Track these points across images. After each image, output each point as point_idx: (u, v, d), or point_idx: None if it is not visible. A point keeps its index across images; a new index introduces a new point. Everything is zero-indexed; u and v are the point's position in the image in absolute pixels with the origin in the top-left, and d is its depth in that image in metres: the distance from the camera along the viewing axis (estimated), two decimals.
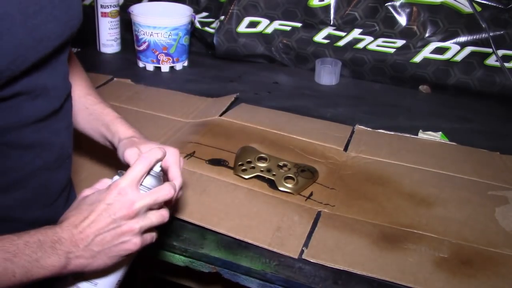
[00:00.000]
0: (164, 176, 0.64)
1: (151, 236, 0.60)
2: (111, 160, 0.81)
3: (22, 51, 0.51)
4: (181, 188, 0.66)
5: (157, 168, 0.62)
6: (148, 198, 0.57)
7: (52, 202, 0.65)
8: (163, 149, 0.62)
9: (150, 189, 0.60)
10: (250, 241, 0.78)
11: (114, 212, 0.55)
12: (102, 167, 0.91)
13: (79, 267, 0.54)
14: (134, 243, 0.57)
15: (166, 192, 0.59)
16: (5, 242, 0.50)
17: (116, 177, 0.60)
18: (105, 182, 0.61)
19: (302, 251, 0.77)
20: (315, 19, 1.39)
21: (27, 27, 0.51)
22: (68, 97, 0.65)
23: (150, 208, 0.58)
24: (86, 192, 0.59)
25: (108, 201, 0.56)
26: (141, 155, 0.61)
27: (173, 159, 0.66)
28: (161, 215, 0.59)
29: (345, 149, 1.05)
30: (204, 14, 1.52)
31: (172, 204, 0.65)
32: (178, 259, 0.80)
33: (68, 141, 0.67)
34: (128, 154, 0.66)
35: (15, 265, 0.49)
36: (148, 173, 0.60)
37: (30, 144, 0.59)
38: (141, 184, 0.59)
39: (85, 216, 0.55)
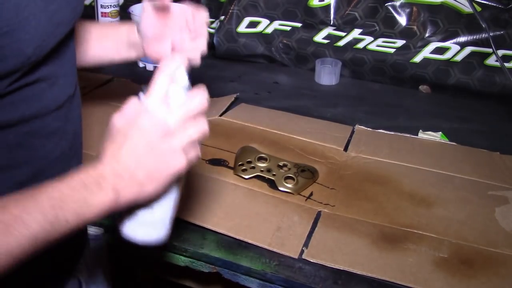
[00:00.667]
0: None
1: (196, 152, 0.56)
2: None
3: (45, 36, 0.52)
4: None
5: (182, 78, 0.56)
6: (180, 111, 0.53)
7: None
8: (181, 54, 0.58)
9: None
10: (250, 241, 0.78)
11: (149, 135, 0.52)
12: None
13: (131, 197, 0.52)
14: (179, 162, 0.53)
15: (197, 101, 0.55)
16: (48, 189, 0.48)
17: (141, 95, 0.55)
18: (132, 103, 0.56)
19: (302, 251, 0.77)
20: (315, 19, 1.39)
21: (48, 12, 0.51)
22: (77, 85, 0.66)
23: (186, 122, 0.54)
24: (116, 118, 0.55)
25: (140, 125, 0.52)
26: (160, 65, 0.57)
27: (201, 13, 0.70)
28: (200, 126, 0.55)
29: (345, 149, 1.05)
30: None
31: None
32: (178, 259, 0.80)
33: (80, 129, 0.67)
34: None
35: (65, 211, 0.48)
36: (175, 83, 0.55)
37: (51, 132, 0.59)
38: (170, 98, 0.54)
39: (121, 145, 0.52)
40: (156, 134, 0.52)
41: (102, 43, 0.82)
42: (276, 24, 1.43)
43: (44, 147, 0.59)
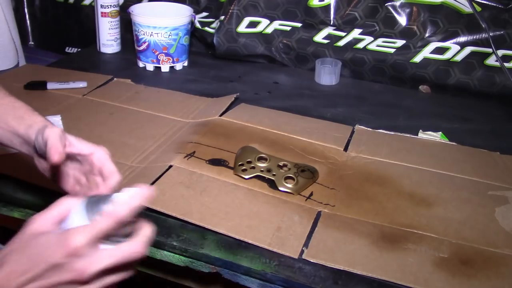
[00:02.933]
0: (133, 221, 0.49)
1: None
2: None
3: None
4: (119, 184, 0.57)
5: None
6: (108, 260, 0.45)
7: None
8: (142, 191, 0.48)
9: (115, 242, 0.46)
10: (250, 241, 0.78)
11: (60, 277, 0.44)
12: None
13: None
14: None
15: (134, 250, 0.46)
16: None
17: (79, 206, 0.47)
18: (64, 208, 0.48)
19: (302, 251, 0.77)
20: (315, 19, 1.39)
21: None
22: None
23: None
24: (37, 223, 0.46)
25: (54, 260, 0.44)
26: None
27: (104, 156, 0.58)
28: (121, 277, 0.48)
29: (345, 149, 1.05)
30: (204, 14, 1.52)
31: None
32: (178, 259, 0.80)
33: None
34: (50, 132, 0.55)
35: None
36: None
37: None
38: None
39: (23, 270, 0.44)
40: (69, 276, 0.44)
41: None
42: (276, 24, 1.43)
43: None
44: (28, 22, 1.78)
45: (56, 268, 0.44)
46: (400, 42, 1.34)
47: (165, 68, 1.41)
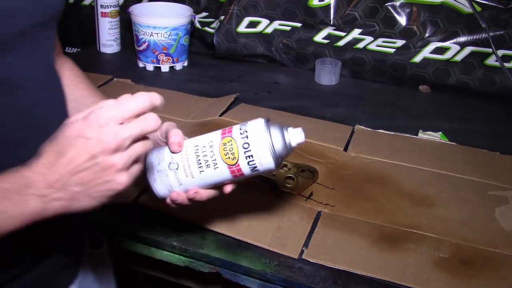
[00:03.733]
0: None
1: (137, 168, 0.52)
2: None
3: None
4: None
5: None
6: (133, 129, 0.49)
7: None
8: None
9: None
10: (250, 241, 0.78)
11: (93, 147, 0.48)
12: None
13: (60, 209, 0.50)
14: (119, 182, 0.50)
15: (152, 121, 0.51)
16: None
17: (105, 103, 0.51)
18: (92, 112, 0.51)
19: (302, 251, 0.77)
20: (315, 19, 1.39)
21: None
22: (56, 88, 0.61)
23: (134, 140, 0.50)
24: (73, 118, 0.50)
25: (87, 134, 0.48)
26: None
27: (172, 124, 0.63)
28: (144, 144, 0.51)
29: (345, 149, 1.05)
30: (204, 14, 1.52)
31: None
32: (178, 259, 0.80)
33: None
34: (169, 126, 0.62)
35: None
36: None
37: (9, 141, 0.55)
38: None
39: (61, 153, 0.48)
40: (101, 146, 0.48)
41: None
42: (276, 24, 1.43)
43: (4, 157, 0.54)
44: None
45: (89, 142, 0.48)
46: (400, 42, 1.34)
47: (165, 68, 1.41)
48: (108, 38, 1.49)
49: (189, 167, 0.60)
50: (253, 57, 1.49)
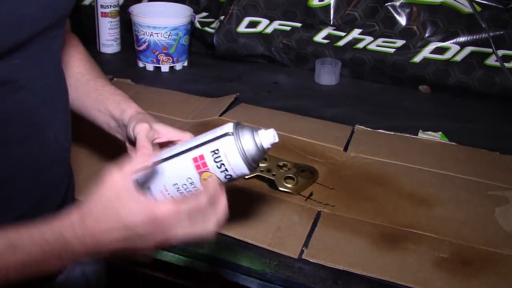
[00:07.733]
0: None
1: (167, 245, 0.56)
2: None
3: None
4: None
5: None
6: (185, 236, 0.51)
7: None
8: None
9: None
10: (250, 241, 0.78)
11: (147, 241, 0.50)
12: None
13: (85, 257, 0.52)
14: (146, 253, 0.53)
15: (207, 231, 0.53)
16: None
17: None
18: (143, 157, 0.53)
19: (302, 251, 0.77)
20: (315, 19, 1.39)
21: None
22: (61, 88, 0.62)
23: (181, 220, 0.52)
24: (115, 182, 0.50)
25: (139, 230, 0.49)
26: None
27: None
28: (203, 230, 0.53)
29: (345, 149, 1.05)
30: (204, 14, 1.52)
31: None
32: (178, 259, 0.80)
33: (64, 135, 0.63)
34: (139, 128, 0.61)
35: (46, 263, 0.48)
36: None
37: (17, 140, 0.55)
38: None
39: (113, 239, 0.49)
40: (155, 240, 0.50)
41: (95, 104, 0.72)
42: (276, 24, 1.43)
43: (9, 155, 0.54)
44: None
45: (142, 238, 0.49)
46: (400, 42, 1.34)
47: (165, 68, 1.41)
48: (108, 38, 1.49)
49: (171, 196, 0.59)
50: (253, 57, 1.49)
